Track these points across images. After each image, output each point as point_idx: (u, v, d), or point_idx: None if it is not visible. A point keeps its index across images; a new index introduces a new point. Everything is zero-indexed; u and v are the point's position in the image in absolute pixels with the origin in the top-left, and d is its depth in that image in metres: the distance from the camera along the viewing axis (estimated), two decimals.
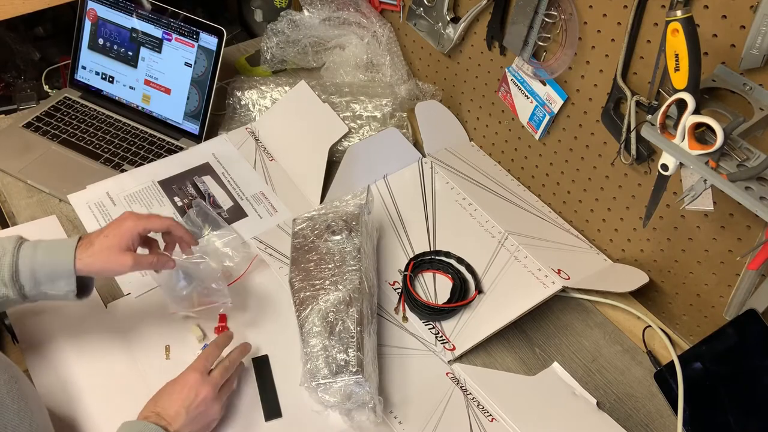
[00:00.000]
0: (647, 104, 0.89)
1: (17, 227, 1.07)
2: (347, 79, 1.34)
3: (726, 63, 0.79)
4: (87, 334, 0.93)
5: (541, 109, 1.09)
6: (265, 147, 1.25)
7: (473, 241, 1.09)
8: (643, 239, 1.02)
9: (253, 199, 1.15)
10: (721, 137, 0.70)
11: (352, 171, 1.17)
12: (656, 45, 0.86)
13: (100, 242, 0.82)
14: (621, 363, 0.97)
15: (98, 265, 0.82)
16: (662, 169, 0.80)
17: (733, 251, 0.89)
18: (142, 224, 0.85)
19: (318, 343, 0.86)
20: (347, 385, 0.83)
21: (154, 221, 0.87)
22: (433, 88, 1.33)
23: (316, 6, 1.34)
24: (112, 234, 0.83)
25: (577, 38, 0.97)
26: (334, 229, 0.98)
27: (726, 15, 0.77)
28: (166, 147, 1.24)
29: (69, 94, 1.33)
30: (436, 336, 0.97)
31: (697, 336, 0.99)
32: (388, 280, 1.04)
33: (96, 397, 0.87)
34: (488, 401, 0.89)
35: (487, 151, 1.27)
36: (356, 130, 1.24)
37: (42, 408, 0.76)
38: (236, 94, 1.30)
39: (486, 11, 1.12)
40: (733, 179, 0.71)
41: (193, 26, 1.22)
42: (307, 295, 0.91)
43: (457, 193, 1.17)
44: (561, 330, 1.00)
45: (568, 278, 1.02)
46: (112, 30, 1.28)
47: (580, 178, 1.09)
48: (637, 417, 0.91)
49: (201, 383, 0.81)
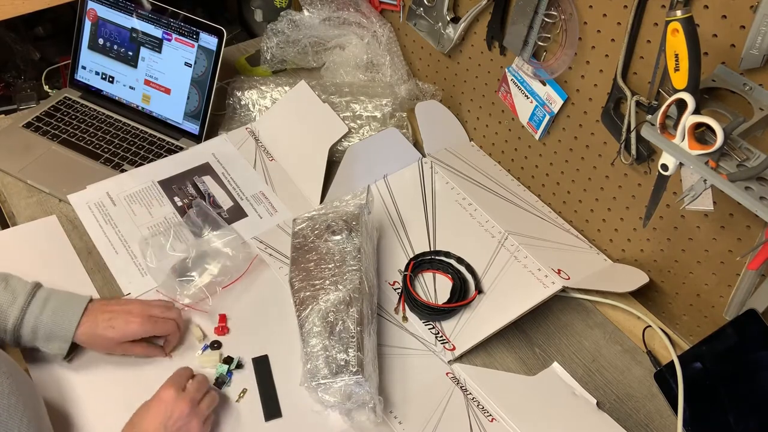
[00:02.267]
0: (647, 104, 0.89)
1: (17, 227, 1.07)
2: (347, 79, 1.34)
3: (726, 63, 0.79)
4: None
5: (541, 109, 1.09)
6: (265, 147, 1.24)
7: (473, 241, 1.09)
8: (643, 239, 1.02)
9: (253, 199, 1.15)
10: (721, 137, 0.70)
11: (352, 171, 1.17)
12: (656, 45, 0.86)
13: (104, 330, 0.86)
14: (621, 363, 0.97)
15: (96, 349, 0.89)
16: (662, 169, 0.80)
17: (733, 251, 0.89)
18: (148, 330, 0.88)
19: (318, 343, 0.86)
20: (347, 385, 0.83)
21: (160, 328, 0.89)
22: (433, 88, 1.33)
23: (316, 6, 1.34)
24: (117, 328, 0.86)
25: (577, 38, 0.97)
26: (334, 229, 0.98)
27: (726, 15, 0.77)
28: (166, 147, 1.24)
29: (69, 94, 1.33)
30: (436, 336, 0.97)
31: (697, 336, 0.99)
32: (388, 280, 1.04)
33: (96, 398, 0.87)
34: (488, 401, 0.89)
35: (487, 151, 1.27)
36: (356, 130, 1.24)
37: (39, 405, 0.76)
38: (236, 94, 1.30)
39: (486, 11, 1.12)
40: (733, 179, 0.71)
41: (193, 26, 1.22)
42: (307, 295, 0.91)
43: (457, 193, 1.17)
44: (561, 330, 1.00)
45: (568, 278, 1.02)
46: (112, 30, 1.28)
47: (580, 178, 1.09)
48: (637, 417, 0.91)
49: (176, 399, 0.78)
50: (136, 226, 1.09)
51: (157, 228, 1.08)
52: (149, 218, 1.10)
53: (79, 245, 1.05)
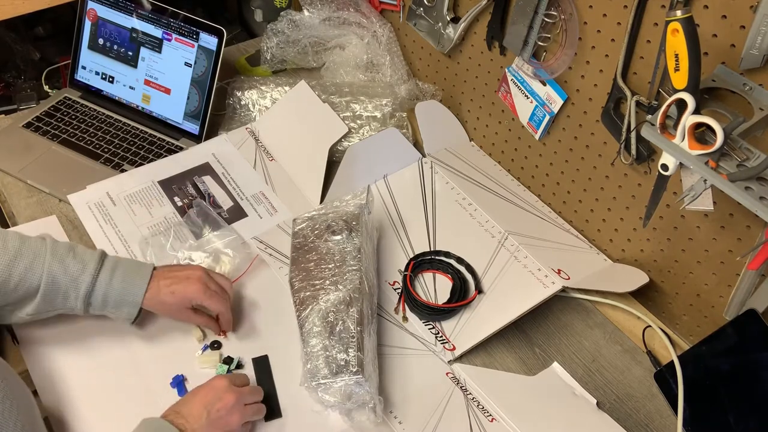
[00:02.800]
0: (647, 104, 0.89)
1: (17, 227, 1.07)
2: (347, 79, 1.34)
3: (726, 63, 0.79)
4: (87, 335, 0.93)
5: (541, 109, 1.09)
6: (265, 147, 1.24)
7: (473, 241, 1.09)
8: (643, 239, 1.02)
9: (253, 199, 1.15)
10: (721, 137, 0.70)
11: (352, 171, 1.17)
12: (656, 45, 0.86)
13: (165, 296, 0.88)
14: (621, 363, 0.97)
15: (162, 313, 0.92)
16: (662, 169, 0.80)
17: (733, 251, 0.89)
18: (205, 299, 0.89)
19: (318, 343, 0.86)
20: (347, 385, 0.83)
21: (215, 303, 0.91)
22: (433, 88, 1.33)
23: (316, 6, 1.34)
24: (177, 293, 0.88)
25: (577, 38, 0.97)
26: (334, 229, 0.98)
27: (726, 15, 0.77)
28: (166, 147, 1.24)
29: (69, 94, 1.33)
30: (436, 336, 0.97)
31: (697, 336, 0.99)
32: (388, 280, 1.04)
33: (96, 398, 0.87)
34: (488, 401, 0.89)
35: (487, 151, 1.27)
36: (356, 130, 1.24)
37: (33, 409, 0.76)
38: (236, 94, 1.30)
39: (486, 11, 1.12)
40: (733, 179, 0.71)
41: (193, 26, 1.22)
42: (307, 295, 0.91)
43: (457, 193, 1.17)
44: (561, 330, 1.00)
45: (568, 278, 1.02)
46: (112, 30, 1.28)
47: (580, 178, 1.09)
48: (637, 417, 0.91)
49: (227, 389, 0.80)
50: (136, 226, 1.09)
51: (157, 228, 1.08)
52: (149, 218, 1.10)
53: None
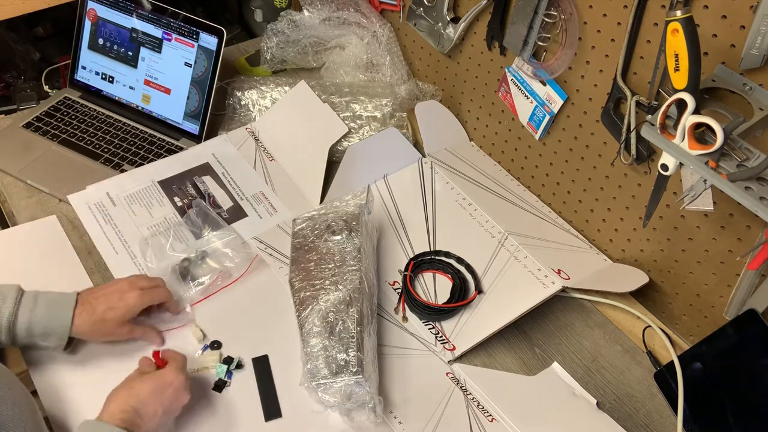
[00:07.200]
0: (647, 104, 0.89)
1: (17, 227, 1.07)
2: (347, 79, 1.34)
3: (726, 63, 0.79)
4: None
5: (541, 109, 1.09)
6: (265, 147, 1.24)
7: (473, 241, 1.09)
8: (643, 239, 1.02)
9: (253, 199, 1.15)
10: (721, 137, 0.70)
11: (352, 171, 1.17)
12: (656, 45, 0.86)
13: (104, 313, 0.86)
14: (621, 363, 0.97)
15: (98, 336, 0.88)
16: (662, 169, 0.80)
17: (733, 251, 0.89)
18: (146, 300, 0.89)
19: (318, 343, 0.86)
20: (347, 385, 0.83)
21: (156, 295, 0.91)
22: (433, 88, 1.33)
23: (316, 6, 1.34)
24: (117, 307, 0.86)
25: (577, 38, 0.97)
26: (334, 229, 0.98)
27: (726, 15, 0.77)
28: (166, 147, 1.24)
29: (69, 94, 1.33)
30: (436, 336, 0.97)
31: (697, 336, 0.99)
32: (388, 280, 1.04)
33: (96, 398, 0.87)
34: (488, 401, 0.89)
35: (487, 151, 1.27)
36: (356, 130, 1.24)
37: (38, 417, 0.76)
38: (236, 94, 1.30)
39: (486, 11, 1.12)
40: (733, 179, 0.71)
41: (193, 26, 1.22)
42: (307, 295, 0.91)
43: (457, 193, 1.17)
44: (561, 330, 1.00)
45: (568, 278, 1.02)
46: (112, 30, 1.28)
47: (580, 178, 1.09)
48: (637, 417, 0.91)
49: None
50: (136, 226, 1.08)
51: (157, 228, 1.08)
52: (149, 218, 1.10)
53: (79, 245, 1.05)
